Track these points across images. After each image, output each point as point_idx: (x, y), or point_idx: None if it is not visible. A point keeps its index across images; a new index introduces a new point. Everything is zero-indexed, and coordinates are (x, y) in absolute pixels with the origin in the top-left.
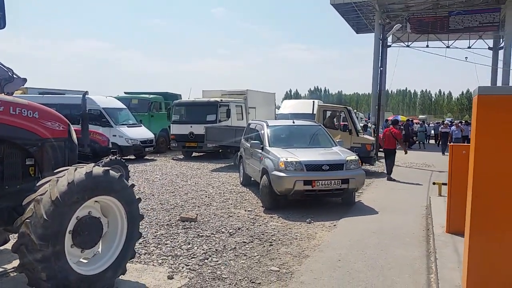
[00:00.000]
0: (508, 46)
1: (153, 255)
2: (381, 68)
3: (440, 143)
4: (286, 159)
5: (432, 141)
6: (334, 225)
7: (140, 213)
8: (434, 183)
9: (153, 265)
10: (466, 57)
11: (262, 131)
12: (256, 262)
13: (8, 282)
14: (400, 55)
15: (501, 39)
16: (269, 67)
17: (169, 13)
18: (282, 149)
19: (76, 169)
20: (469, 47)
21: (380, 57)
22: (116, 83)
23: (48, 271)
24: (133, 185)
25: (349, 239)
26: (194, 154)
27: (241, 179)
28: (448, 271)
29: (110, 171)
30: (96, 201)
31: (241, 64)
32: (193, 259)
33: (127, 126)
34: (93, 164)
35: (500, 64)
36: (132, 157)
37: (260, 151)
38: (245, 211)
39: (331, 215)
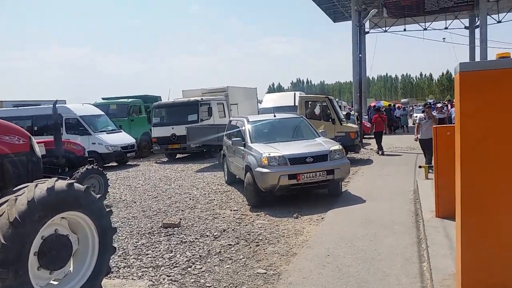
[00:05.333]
0: (483, 24)
1: (132, 267)
2: (360, 55)
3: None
4: (269, 154)
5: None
6: (322, 218)
7: (113, 226)
8: (420, 167)
9: (132, 279)
10: (444, 38)
11: (243, 127)
12: (242, 266)
13: None
14: (379, 41)
15: (477, 18)
16: (250, 62)
17: (144, 13)
18: (265, 145)
19: (36, 185)
20: (446, 28)
21: (358, 44)
22: (96, 88)
23: None
24: (101, 197)
25: (337, 231)
26: (178, 155)
27: (226, 178)
28: (441, 259)
29: (75, 184)
30: (63, 218)
31: (222, 60)
32: (175, 269)
33: (106, 133)
34: (55, 179)
35: (477, 43)
36: (114, 163)
37: (242, 148)
38: (231, 211)
39: (319, 207)
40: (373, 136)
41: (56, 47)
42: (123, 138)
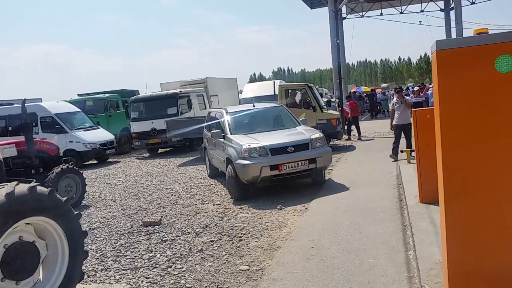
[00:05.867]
0: (458, 6)
1: (110, 270)
2: (338, 41)
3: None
4: (249, 145)
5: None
6: (306, 208)
7: (83, 230)
8: (401, 151)
9: (109, 283)
10: (420, 21)
11: (222, 119)
12: (224, 263)
13: None
14: (357, 27)
15: (451, 0)
16: (231, 53)
17: (119, 8)
18: (244, 136)
19: None
20: (421, 11)
21: (336, 30)
22: (73, 85)
23: None
24: (68, 200)
25: (321, 222)
26: (160, 150)
27: (208, 171)
28: (427, 246)
29: (38, 187)
30: (28, 223)
31: (201, 52)
32: (154, 270)
33: (84, 130)
34: (15, 183)
35: (453, 24)
36: (94, 161)
37: (222, 140)
38: (214, 205)
39: (303, 197)
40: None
41: (30, 44)
42: (101, 135)
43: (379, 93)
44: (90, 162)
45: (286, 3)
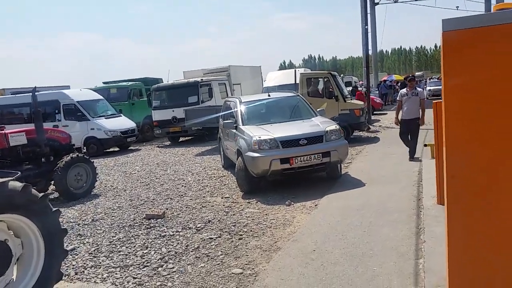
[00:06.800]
0: None
1: (100, 267)
2: (366, 27)
3: None
4: (259, 137)
5: None
6: (316, 205)
7: (62, 227)
8: (425, 145)
9: (94, 281)
10: (457, 6)
11: (236, 109)
12: (218, 264)
13: None
14: (391, 13)
15: None
16: (261, 40)
17: None
18: (256, 127)
19: None
20: None
21: (366, 16)
22: (111, 73)
23: None
24: (46, 196)
25: (329, 221)
26: (182, 139)
27: (223, 162)
28: (438, 257)
29: (10, 183)
30: (1, 221)
31: (232, 40)
32: (144, 269)
33: (105, 118)
34: None
35: None
36: (116, 148)
37: (234, 130)
38: (222, 198)
39: (314, 193)
40: (383, 113)
41: (69, 34)
42: (122, 123)
43: None
44: (111, 149)
45: None
